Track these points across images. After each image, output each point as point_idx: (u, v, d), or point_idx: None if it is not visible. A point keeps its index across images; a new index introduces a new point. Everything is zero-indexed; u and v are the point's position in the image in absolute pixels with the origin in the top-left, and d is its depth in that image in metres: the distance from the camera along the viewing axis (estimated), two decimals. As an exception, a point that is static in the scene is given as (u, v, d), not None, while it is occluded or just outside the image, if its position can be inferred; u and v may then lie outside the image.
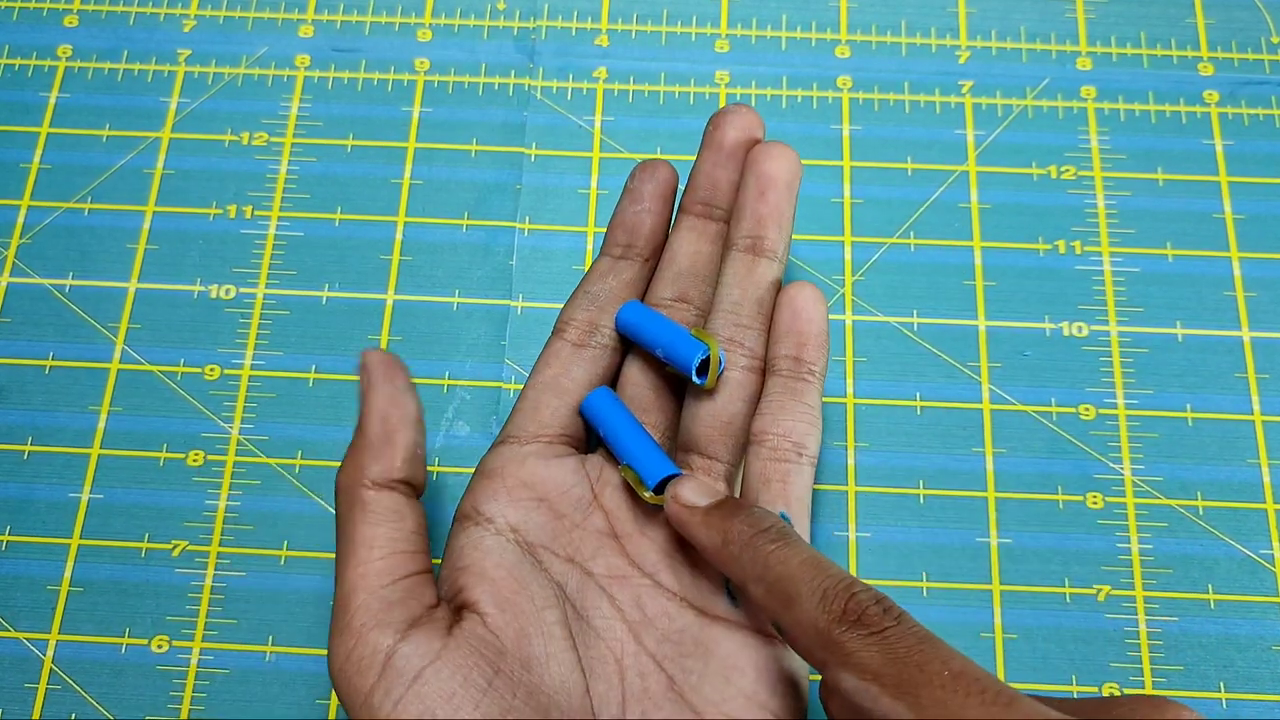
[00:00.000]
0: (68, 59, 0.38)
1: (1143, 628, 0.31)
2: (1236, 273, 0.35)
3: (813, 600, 0.23)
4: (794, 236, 0.35)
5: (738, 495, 0.29)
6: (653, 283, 0.30)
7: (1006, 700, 0.20)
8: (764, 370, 0.29)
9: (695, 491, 0.26)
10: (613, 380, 0.30)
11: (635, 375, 0.30)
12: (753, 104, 0.37)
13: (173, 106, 0.37)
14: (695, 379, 0.28)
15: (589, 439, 0.30)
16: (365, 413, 0.27)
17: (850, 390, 0.34)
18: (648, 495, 0.27)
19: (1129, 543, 0.32)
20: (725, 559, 0.25)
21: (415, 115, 0.37)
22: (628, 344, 0.30)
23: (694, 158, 0.31)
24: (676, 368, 0.28)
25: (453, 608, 0.26)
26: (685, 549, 0.27)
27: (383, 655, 0.24)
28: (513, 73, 0.38)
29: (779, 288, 0.29)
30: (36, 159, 0.37)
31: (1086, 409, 0.33)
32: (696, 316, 0.30)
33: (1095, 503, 0.32)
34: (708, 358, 0.28)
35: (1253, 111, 0.37)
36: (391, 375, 0.27)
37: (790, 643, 0.23)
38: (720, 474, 0.28)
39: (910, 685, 0.21)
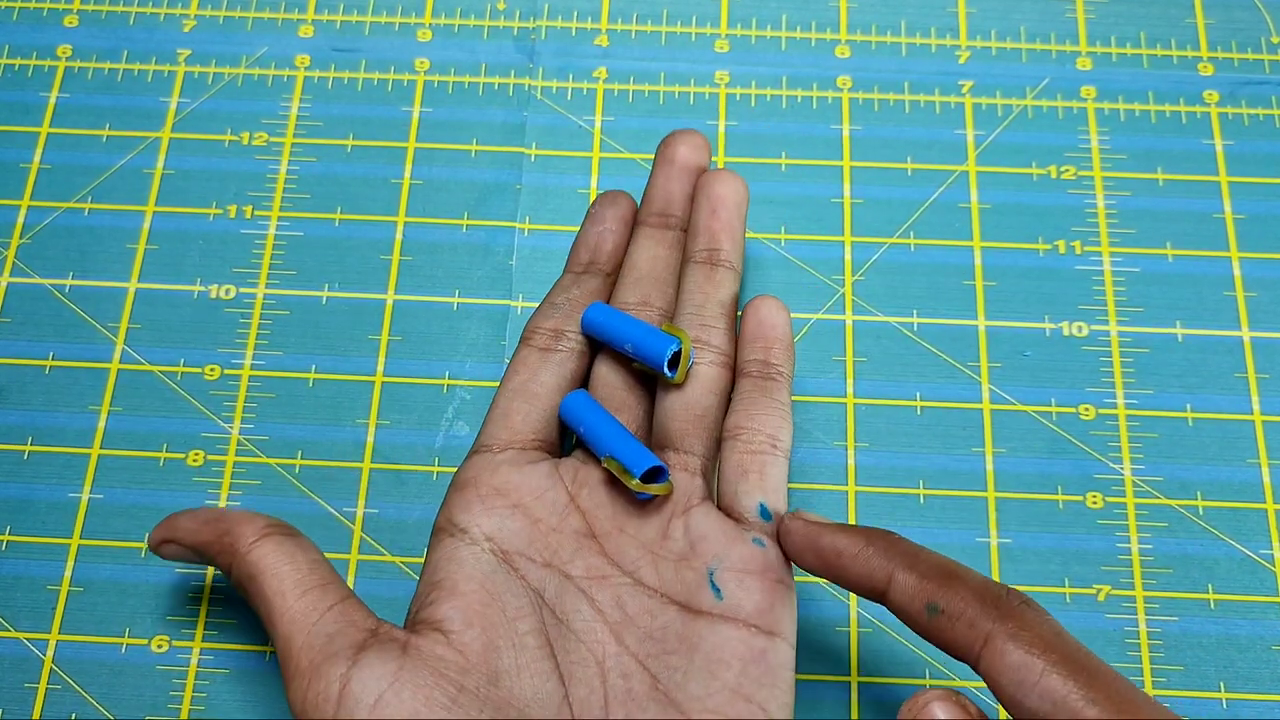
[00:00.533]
0: (68, 59, 0.38)
1: (1143, 628, 0.31)
2: (1236, 273, 0.35)
3: (976, 577, 0.23)
4: (794, 236, 0.36)
5: (714, 491, 0.29)
6: (615, 290, 0.31)
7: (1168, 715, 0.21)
8: (732, 367, 0.30)
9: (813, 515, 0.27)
10: (582, 382, 0.31)
11: (605, 375, 0.30)
12: (753, 104, 0.37)
13: (173, 106, 0.37)
14: (666, 372, 0.28)
15: (562, 443, 0.30)
16: (193, 531, 0.27)
17: (850, 390, 0.34)
18: (634, 483, 0.27)
19: (1129, 543, 0.32)
20: (866, 556, 0.25)
21: (415, 115, 0.37)
22: (595, 347, 0.31)
23: None
24: (646, 362, 0.29)
25: (416, 623, 0.26)
26: (666, 543, 0.27)
27: (338, 684, 0.24)
28: (513, 73, 0.38)
29: (737, 297, 0.31)
30: (36, 159, 0.37)
31: (1086, 409, 0.33)
32: (660, 318, 0.31)
33: (1095, 503, 0.32)
34: (678, 351, 0.28)
35: (1253, 111, 0.37)
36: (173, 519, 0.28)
37: (946, 620, 0.23)
38: (696, 468, 0.28)
39: (1082, 669, 0.21)
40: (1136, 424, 0.33)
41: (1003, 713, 0.27)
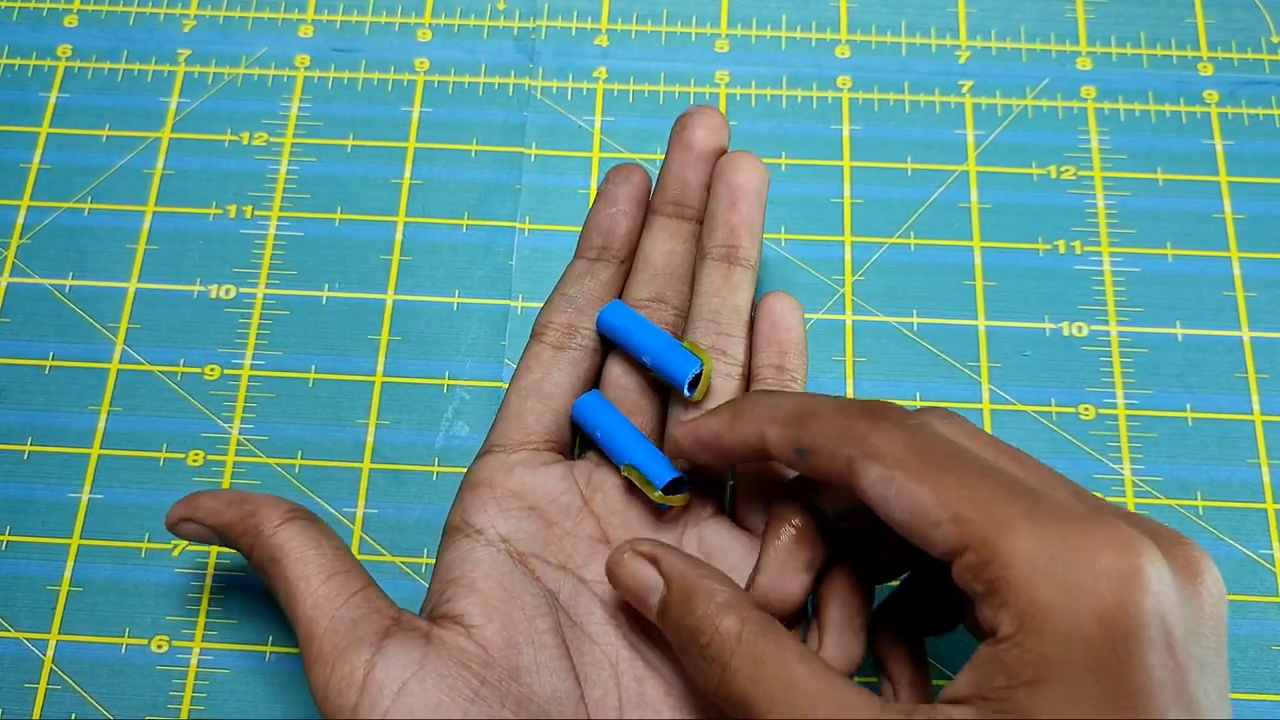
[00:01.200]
0: (68, 59, 0.38)
1: (1143, 628, 0.31)
2: (1236, 273, 0.35)
3: (830, 407, 0.23)
4: (794, 236, 0.36)
5: (727, 502, 0.29)
6: (629, 284, 0.31)
7: (1028, 494, 0.21)
8: (746, 377, 0.29)
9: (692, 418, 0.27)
10: (594, 380, 0.30)
11: (618, 376, 0.30)
12: (753, 104, 0.37)
13: (173, 106, 0.37)
14: (686, 392, 0.28)
15: (573, 443, 0.30)
16: (215, 511, 0.27)
17: (850, 390, 0.34)
18: (657, 495, 0.27)
19: (1129, 543, 0.32)
20: (738, 427, 0.25)
21: (415, 115, 0.37)
22: (607, 344, 0.30)
23: None
24: (666, 378, 0.28)
25: (435, 618, 0.26)
26: (707, 541, 0.28)
27: (362, 670, 0.24)
28: (513, 73, 0.38)
29: (754, 294, 0.30)
30: (36, 159, 0.37)
31: (1086, 409, 0.33)
32: (675, 316, 0.30)
33: (1095, 503, 0.32)
34: (699, 373, 0.28)
35: (1253, 111, 0.37)
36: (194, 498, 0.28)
37: (815, 458, 0.23)
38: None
39: (934, 472, 0.21)
40: (1136, 424, 0.33)
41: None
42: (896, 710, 0.21)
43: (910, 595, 0.26)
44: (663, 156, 0.36)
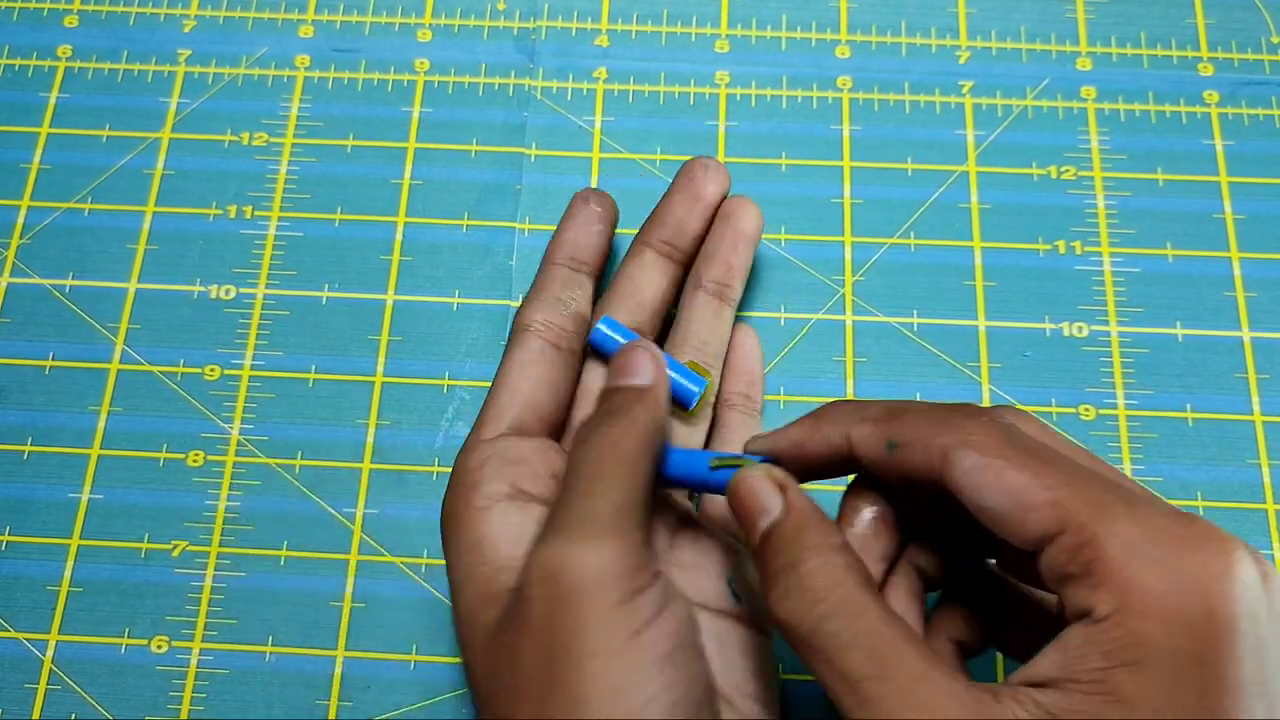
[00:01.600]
0: (68, 59, 0.38)
1: (1143, 628, 0.31)
2: (1236, 273, 0.35)
3: (919, 406, 0.24)
4: (794, 237, 0.36)
5: (698, 515, 0.29)
6: (613, 307, 0.31)
7: (1121, 487, 0.21)
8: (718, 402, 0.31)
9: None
10: (574, 384, 0.30)
11: (599, 389, 0.30)
12: (753, 104, 0.37)
13: (173, 106, 0.37)
14: (687, 407, 0.29)
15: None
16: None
17: (850, 390, 0.34)
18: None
19: (1129, 543, 0.32)
20: (822, 432, 0.25)
21: (415, 115, 0.37)
22: (586, 354, 0.31)
23: (691, 158, 0.33)
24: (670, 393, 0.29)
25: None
26: (674, 553, 0.28)
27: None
28: (513, 73, 0.38)
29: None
30: (36, 159, 0.37)
31: (1086, 409, 0.33)
32: None
33: (1095, 503, 0.32)
34: (703, 389, 0.30)
35: (1253, 111, 0.37)
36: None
37: (905, 451, 0.23)
38: (684, 494, 0.29)
39: (1032, 461, 0.22)
40: (1136, 424, 0.33)
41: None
42: (984, 688, 0.21)
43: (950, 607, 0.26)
44: (663, 156, 0.36)
